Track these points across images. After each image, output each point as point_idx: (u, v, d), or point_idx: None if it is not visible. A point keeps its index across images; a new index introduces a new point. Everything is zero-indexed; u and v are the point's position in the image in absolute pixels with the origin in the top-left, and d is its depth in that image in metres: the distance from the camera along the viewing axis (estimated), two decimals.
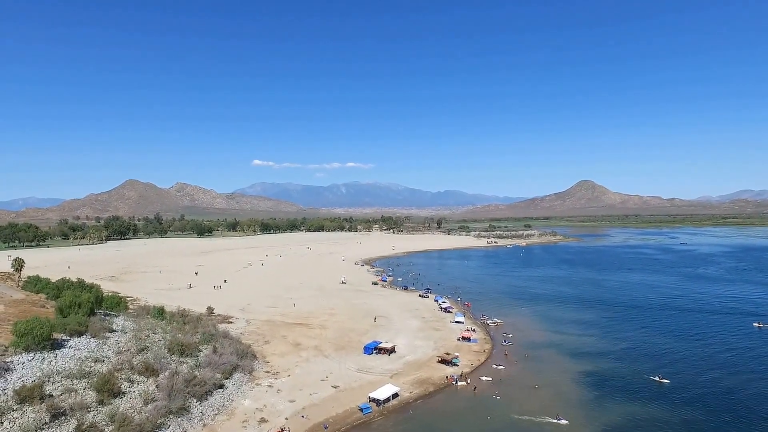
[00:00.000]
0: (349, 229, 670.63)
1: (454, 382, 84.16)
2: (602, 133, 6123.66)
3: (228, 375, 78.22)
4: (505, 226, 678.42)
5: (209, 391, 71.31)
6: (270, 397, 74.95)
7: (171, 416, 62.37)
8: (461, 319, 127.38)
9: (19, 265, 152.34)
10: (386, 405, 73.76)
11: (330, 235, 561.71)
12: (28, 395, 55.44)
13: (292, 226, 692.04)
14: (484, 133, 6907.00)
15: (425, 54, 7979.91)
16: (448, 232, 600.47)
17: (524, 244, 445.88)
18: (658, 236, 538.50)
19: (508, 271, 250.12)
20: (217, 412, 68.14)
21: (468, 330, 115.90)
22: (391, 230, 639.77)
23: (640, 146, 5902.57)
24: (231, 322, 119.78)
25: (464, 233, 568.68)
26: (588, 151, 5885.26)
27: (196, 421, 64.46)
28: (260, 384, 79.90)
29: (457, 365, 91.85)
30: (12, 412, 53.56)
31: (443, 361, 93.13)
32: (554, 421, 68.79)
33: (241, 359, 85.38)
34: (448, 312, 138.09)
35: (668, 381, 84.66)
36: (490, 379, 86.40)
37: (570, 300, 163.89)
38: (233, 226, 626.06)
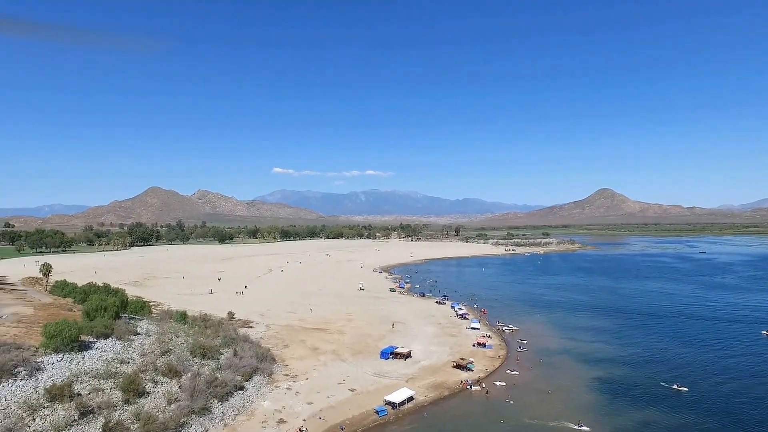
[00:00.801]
0: (368, 237, 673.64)
1: (468, 387, 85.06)
2: (622, 140, 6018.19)
3: (248, 377, 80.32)
4: (523, 234, 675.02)
5: (230, 392, 73.43)
6: (288, 399, 76.82)
7: (193, 416, 64.64)
8: (477, 325, 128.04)
9: (46, 270, 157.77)
10: (401, 408, 75.04)
11: (349, 243, 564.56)
12: (58, 394, 58.27)
13: (312, 233, 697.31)
14: (504, 141, 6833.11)
15: (445, 62, 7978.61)
16: (466, 239, 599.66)
17: (542, 252, 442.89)
18: (677, 245, 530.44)
19: (525, 278, 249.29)
20: (237, 412, 70.20)
21: (483, 336, 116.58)
22: (410, 238, 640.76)
23: (661, 154, 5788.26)
24: (251, 327, 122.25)
25: (482, 241, 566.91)
26: (607, 159, 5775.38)
27: (217, 420, 66.59)
28: (279, 386, 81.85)
29: (472, 370, 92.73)
30: (43, 410, 56.40)
31: (458, 366, 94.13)
32: (576, 427, 68.82)
33: (261, 362, 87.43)
34: (465, 318, 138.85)
35: (686, 389, 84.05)
36: (504, 384, 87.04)
37: (585, 307, 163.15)
38: (254, 233, 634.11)
